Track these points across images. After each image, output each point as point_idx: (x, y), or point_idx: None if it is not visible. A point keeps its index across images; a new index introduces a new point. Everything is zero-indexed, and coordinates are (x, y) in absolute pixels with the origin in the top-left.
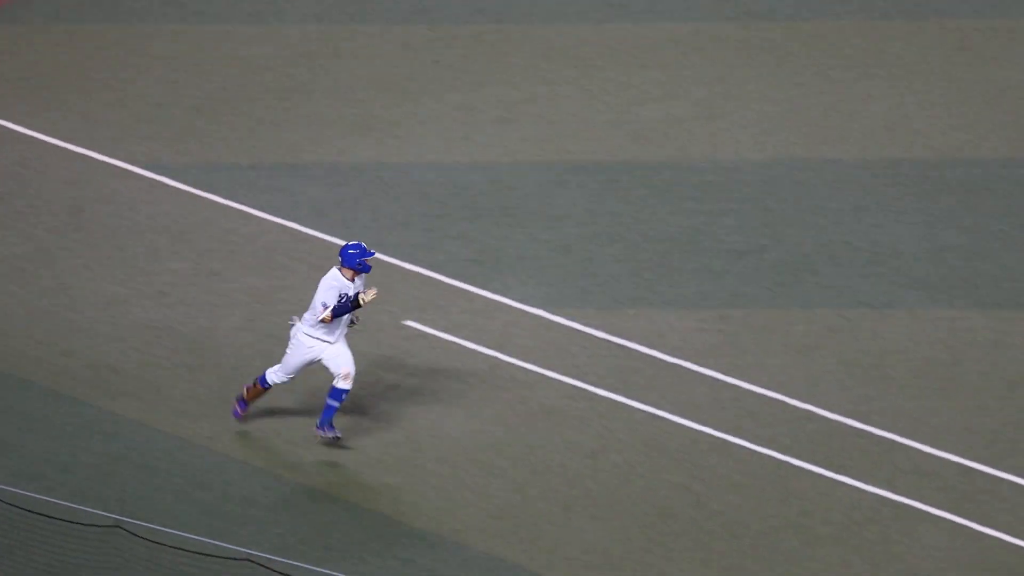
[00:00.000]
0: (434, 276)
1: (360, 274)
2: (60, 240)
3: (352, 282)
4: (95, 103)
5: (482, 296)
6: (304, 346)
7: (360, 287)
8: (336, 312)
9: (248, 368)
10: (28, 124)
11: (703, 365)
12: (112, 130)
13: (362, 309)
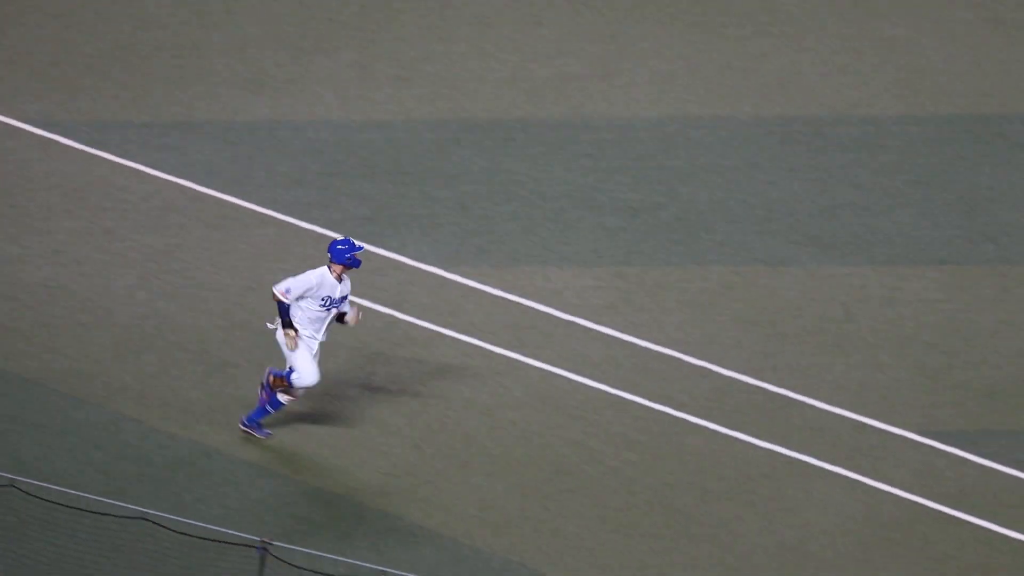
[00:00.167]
0: (329, 234)
1: (349, 269)
2: None
3: (340, 281)
4: None
5: (378, 254)
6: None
7: (348, 288)
8: (280, 307)
9: (142, 327)
10: None
11: (599, 322)
12: (4, 88)
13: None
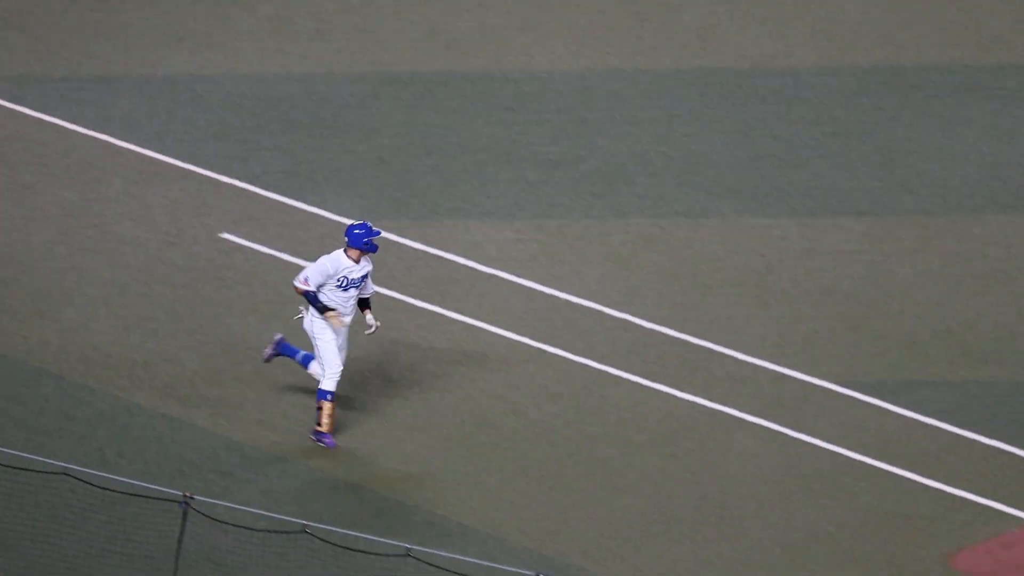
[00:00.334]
0: (250, 188)
1: (367, 254)
2: None
3: (357, 263)
4: None
5: (299, 208)
6: (320, 325)
7: (367, 268)
8: (307, 296)
9: (62, 282)
10: None
11: (520, 275)
12: None
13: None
